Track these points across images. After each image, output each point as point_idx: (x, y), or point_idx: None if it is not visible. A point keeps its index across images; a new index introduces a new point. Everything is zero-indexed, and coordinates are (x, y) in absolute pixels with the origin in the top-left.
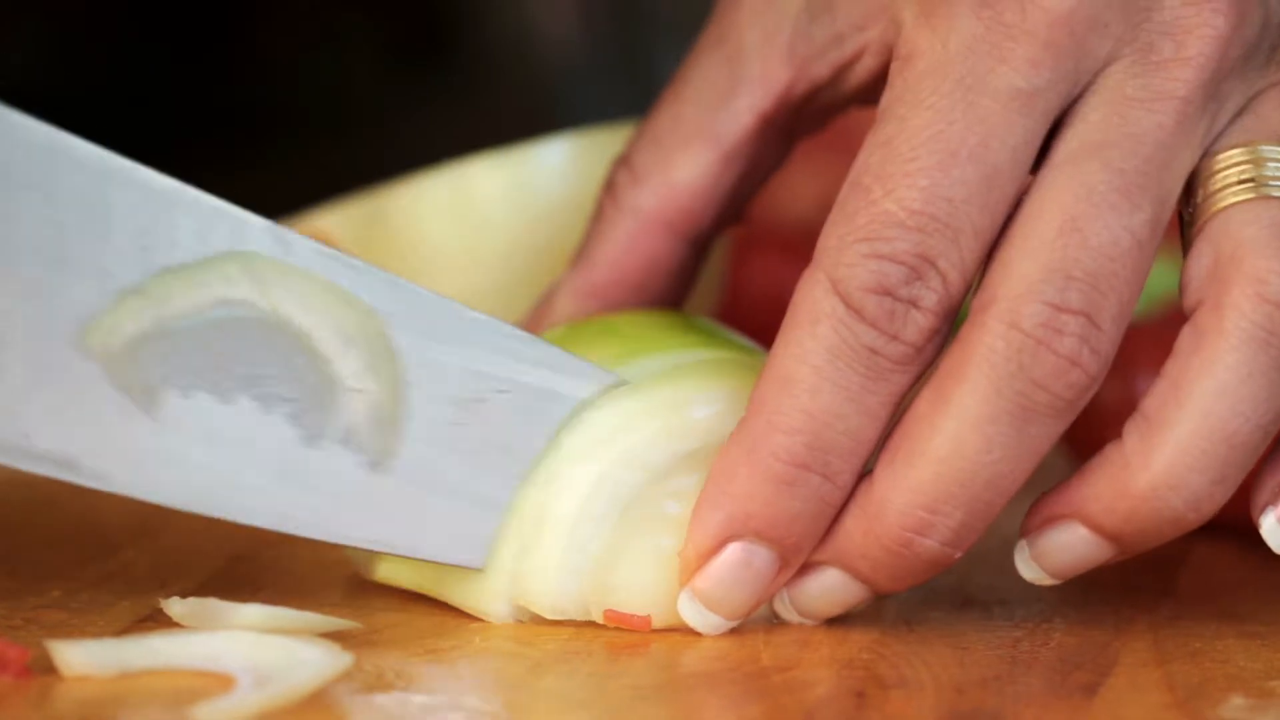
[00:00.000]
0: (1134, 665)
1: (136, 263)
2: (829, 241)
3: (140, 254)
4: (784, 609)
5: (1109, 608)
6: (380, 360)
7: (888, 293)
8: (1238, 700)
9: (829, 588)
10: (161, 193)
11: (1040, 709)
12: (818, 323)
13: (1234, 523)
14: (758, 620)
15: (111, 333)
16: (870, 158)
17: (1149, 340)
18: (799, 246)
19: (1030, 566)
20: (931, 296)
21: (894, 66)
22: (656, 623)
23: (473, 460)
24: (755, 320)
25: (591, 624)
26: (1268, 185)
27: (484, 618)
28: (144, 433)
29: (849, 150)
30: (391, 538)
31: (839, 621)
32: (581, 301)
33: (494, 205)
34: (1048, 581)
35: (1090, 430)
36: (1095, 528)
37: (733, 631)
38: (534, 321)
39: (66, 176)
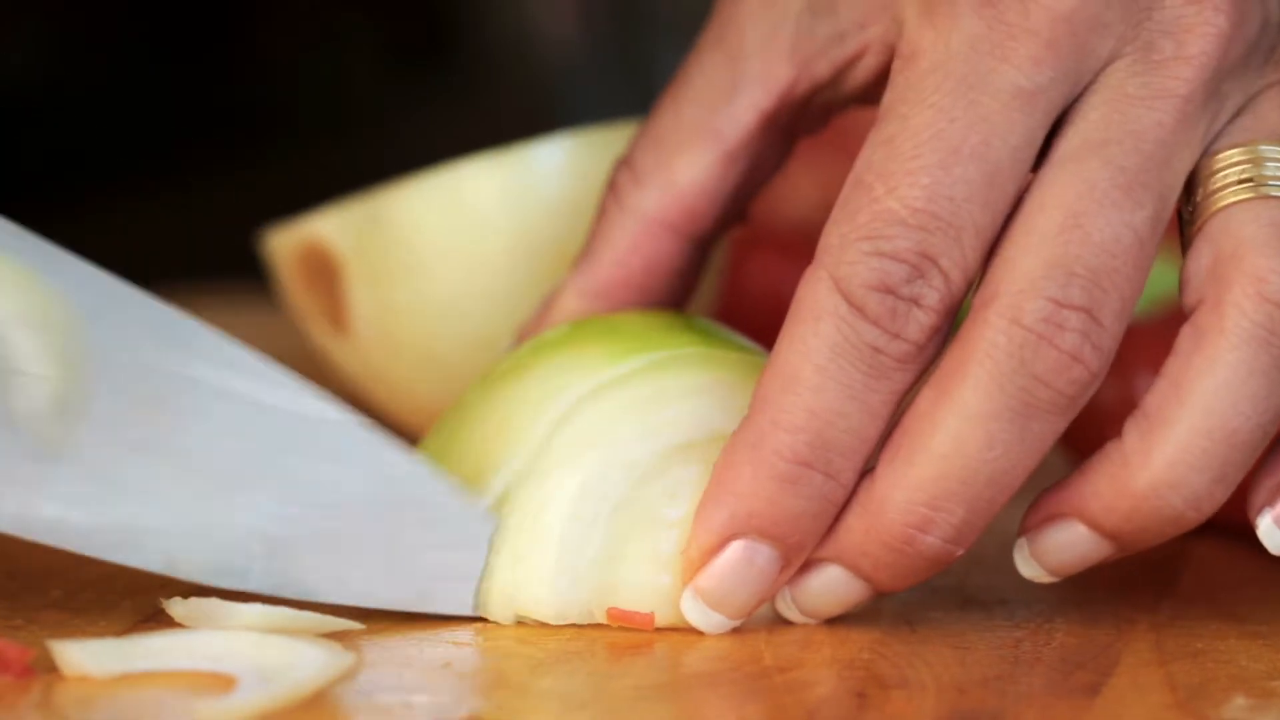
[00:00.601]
0: (1136, 665)
1: None
2: (831, 239)
3: None
4: (786, 607)
5: (1110, 608)
6: (64, 348)
7: (890, 291)
8: (1240, 700)
9: (831, 585)
10: None
11: (1042, 709)
12: (820, 321)
13: (1235, 523)
14: (759, 620)
15: None
16: (873, 156)
17: (1149, 340)
18: (799, 246)
19: (1029, 564)
20: (933, 294)
21: (896, 65)
22: (659, 621)
23: (152, 460)
24: (755, 320)
25: (593, 624)
26: (1267, 185)
27: (485, 616)
28: None
29: (849, 150)
30: (62, 534)
31: (840, 621)
32: (586, 302)
33: (493, 205)
34: (1047, 579)
35: (1090, 429)
36: (1095, 526)
37: (734, 631)
38: (538, 321)
39: None
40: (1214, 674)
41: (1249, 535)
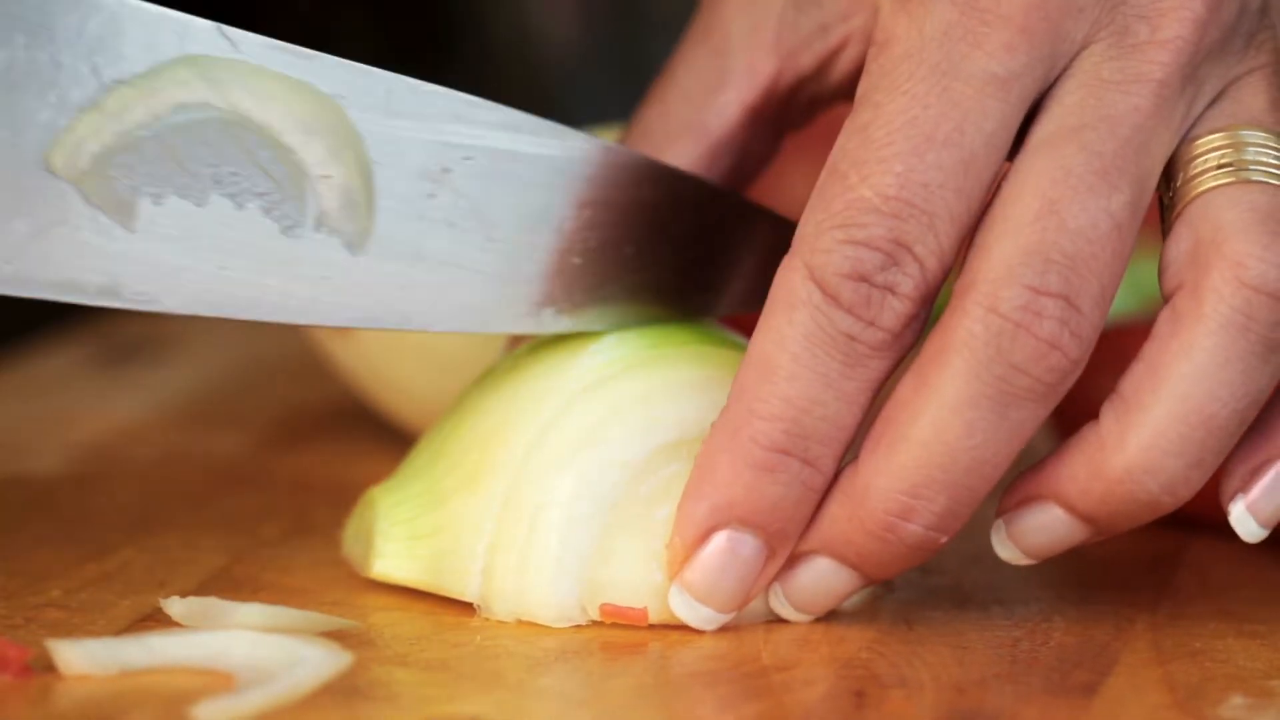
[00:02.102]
0: (1134, 665)
1: (88, 79)
2: (806, 228)
3: (90, 70)
4: (779, 605)
5: (1109, 607)
6: (343, 144)
7: (864, 279)
8: (1238, 700)
9: (820, 577)
10: (105, 7)
11: (1040, 708)
12: (795, 309)
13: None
14: (757, 619)
15: (75, 151)
16: (847, 144)
17: (1144, 337)
18: None
19: (1006, 546)
20: (908, 282)
21: (870, 53)
22: (653, 617)
23: (448, 230)
24: (751, 318)
25: (590, 623)
26: (1247, 169)
27: (481, 609)
28: (124, 245)
29: None
30: (379, 314)
31: (838, 621)
32: None
33: None
34: (1024, 561)
35: (1085, 424)
36: (1070, 509)
37: (732, 631)
38: None
39: (6, 3)
40: (1212, 673)
41: None
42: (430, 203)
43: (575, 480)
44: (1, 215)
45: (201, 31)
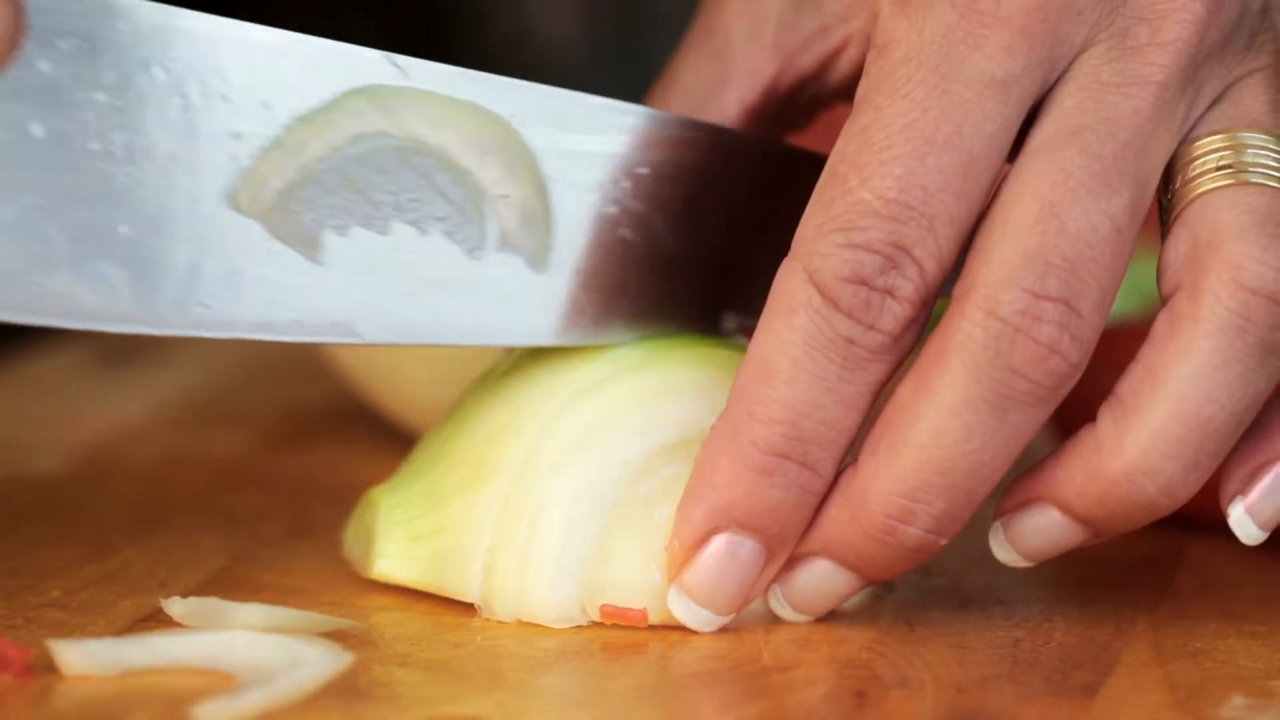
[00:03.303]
0: (1135, 665)
1: (265, 118)
2: (806, 231)
3: (265, 109)
4: (778, 606)
5: (1109, 608)
6: (518, 162)
7: (863, 282)
8: (1238, 700)
9: (819, 579)
10: (271, 46)
11: (1041, 709)
12: (794, 313)
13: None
14: (757, 620)
15: (259, 189)
16: (846, 146)
17: (1142, 339)
18: None
19: (1004, 548)
20: (908, 285)
21: (870, 55)
22: (652, 618)
23: (621, 244)
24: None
25: (591, 623)
26: (1246, 171)
27: (482, 610)
28: (312, 279)
29: None
30: (565, 331)
31: (838, 621)
32: None
33: None
34: (1022, 563)
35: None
36: (1068, 511)
37: (732, 631)
38: None
39: (180, 50)
40: (1212, 673)
41: None
42: (604, 215)
43: (575, 481)
44: (193, 258)
45: (371, 61)
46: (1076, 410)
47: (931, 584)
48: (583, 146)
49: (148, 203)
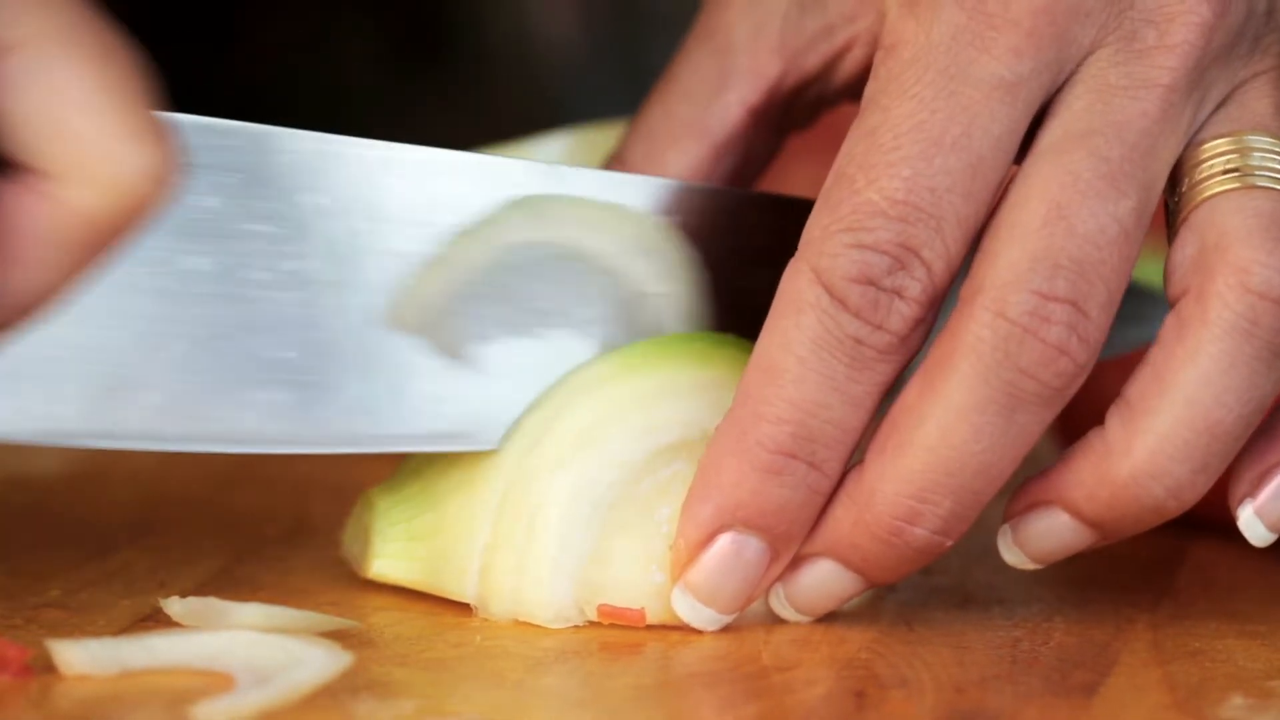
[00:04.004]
0: (1134, 665)
1: (422, 233)
2: (813, 232)
3: (424, 225)
4: (780, 606)
5: (1109, 607)
6: (674, 261)
7: (871, 282)
8: (1238, 700)
9: (822, 579)
10: (426, 163)
11: (1040, 708)
12: (802, 313)
13: (1233, 522)
14: (757, 619)
15: (421, 304)
16: (854, 147)
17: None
18: None
19: (1013, 551)
20: (915, 286)
21: (878, 56)
22: (651, 618)
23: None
24: None
25: (590, 623)
26: (1253, 175)
27: (478, 610)
28: (469, 389)
29: None
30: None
31: (838, 621)
32: None
33: None
34: (1030, 566)
35: (1086, 426)
36: (1077, 514)
37: (732, 631)
38: None
39: (340, 173)
40: (1212, 673)
41: None
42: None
43: (573, 480)
44: (351, 379)
45: (524, 172)
46: (1079, 411)
47: (932, 583)
48: (729, 241)
49: (314, 327)
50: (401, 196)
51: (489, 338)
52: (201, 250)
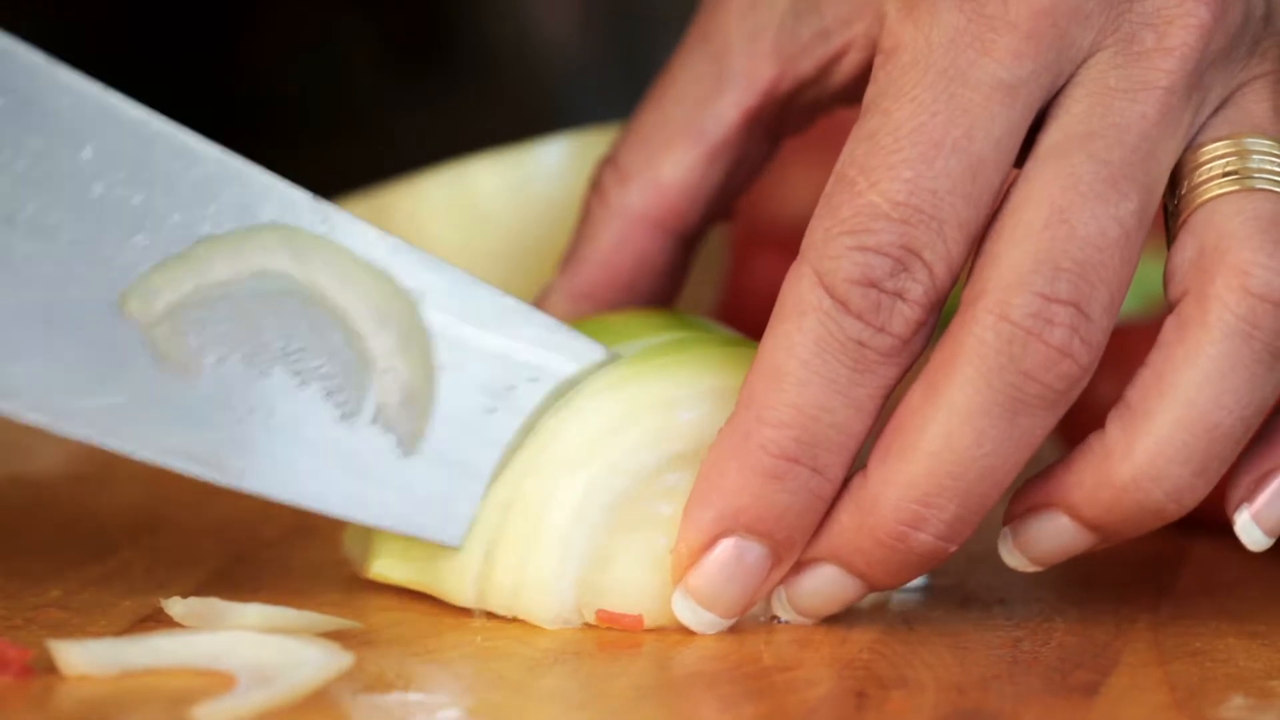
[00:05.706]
0: (1135, 665)
1: (178, 229)
2: (814, 235)
3: (183, 221)
4: (782, 608)
5: (1109, 607)
6: (412, 340)
7: (873, 285)
8: (1238, 700)
9: (825, 584)
10: (208, 161)
11: (1041, 709)
12: (804, 316)
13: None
14: (758, 620)
15: (149, 298)
16: (855, 150)
17: (1148, 339)
18: (799, 246)
19: (1013, 554)
20: (917, 288)
21: (878, 60)
22: (651, 621)
23: (500, 448)
24: (755, 320)
25: (586, 625)
26: (1252, 177)
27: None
28: (180, 399)
29: None
30: (417, 522)
31: (839, 621)
32: (573, 303)
33: (494, 205)
34: (1031, 569)
35: (1089, 429)
36: (1077, 517)
37: (733, 631)
38: None
39: (115, 137)
40: (1212, 673)
41: None
42: (487, 418)
43: (583, 485)
44: (69, 349)
45: (299, 203)
46: (1080, 411)
47: (932, 584)
48: (481, 342)
49: (39, 282)
50: (167, 182)
51: (212, 355)
52: None
